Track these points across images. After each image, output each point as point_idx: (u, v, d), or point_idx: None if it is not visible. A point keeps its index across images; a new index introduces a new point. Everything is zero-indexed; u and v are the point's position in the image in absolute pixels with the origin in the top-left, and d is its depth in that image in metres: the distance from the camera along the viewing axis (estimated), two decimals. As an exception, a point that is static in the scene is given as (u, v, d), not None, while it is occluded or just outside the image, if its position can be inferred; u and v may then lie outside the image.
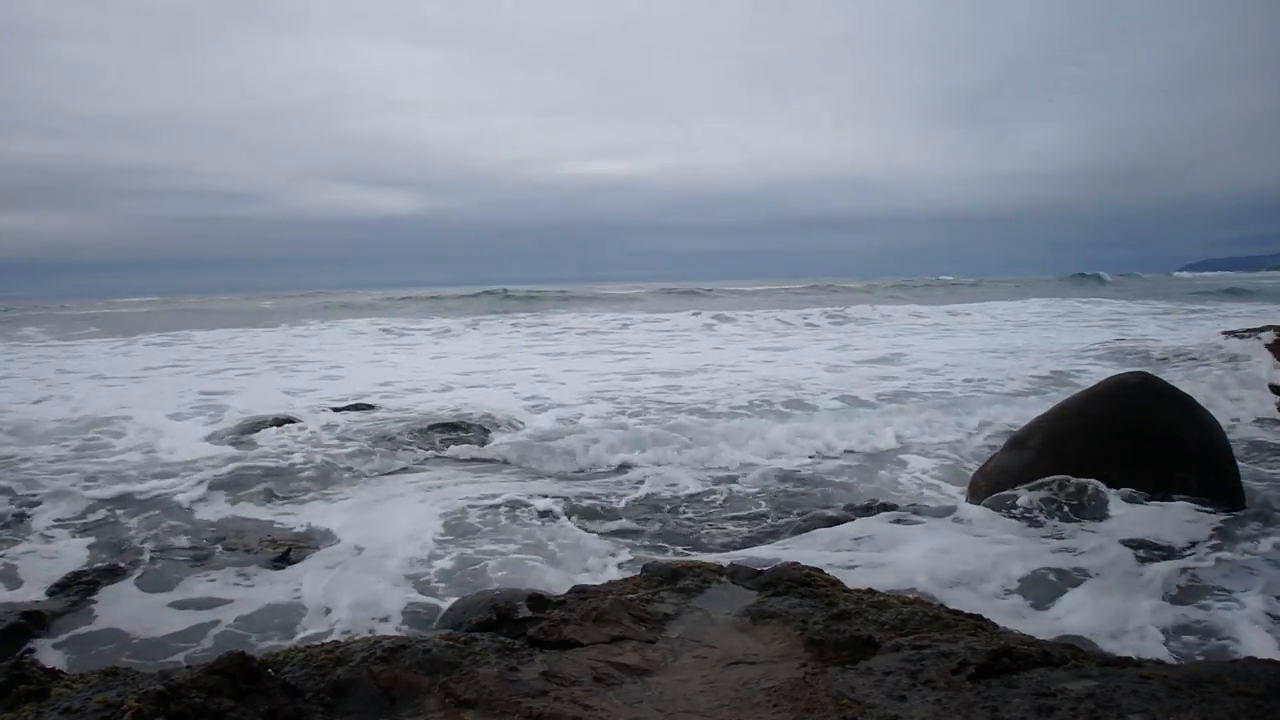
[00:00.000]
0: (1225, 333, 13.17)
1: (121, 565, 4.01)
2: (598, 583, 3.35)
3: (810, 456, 6.18)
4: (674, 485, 5.39)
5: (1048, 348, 13.35)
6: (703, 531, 4.50)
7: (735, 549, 4.18)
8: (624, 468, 5.95)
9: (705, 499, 5.11)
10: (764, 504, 4.99)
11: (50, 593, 3.61)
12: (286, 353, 15.51)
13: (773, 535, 4.35)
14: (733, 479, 5.54)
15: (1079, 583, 3.45)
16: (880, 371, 10.96)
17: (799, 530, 4.22)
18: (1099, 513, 4.21)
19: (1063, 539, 3.91)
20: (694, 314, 24.24)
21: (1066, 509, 4.30)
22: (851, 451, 6.32)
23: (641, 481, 5.50)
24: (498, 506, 4.96)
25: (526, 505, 4.97)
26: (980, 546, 3.87)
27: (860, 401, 8.49)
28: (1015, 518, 4.25)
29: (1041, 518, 4.23)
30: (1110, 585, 3.41)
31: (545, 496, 5.15)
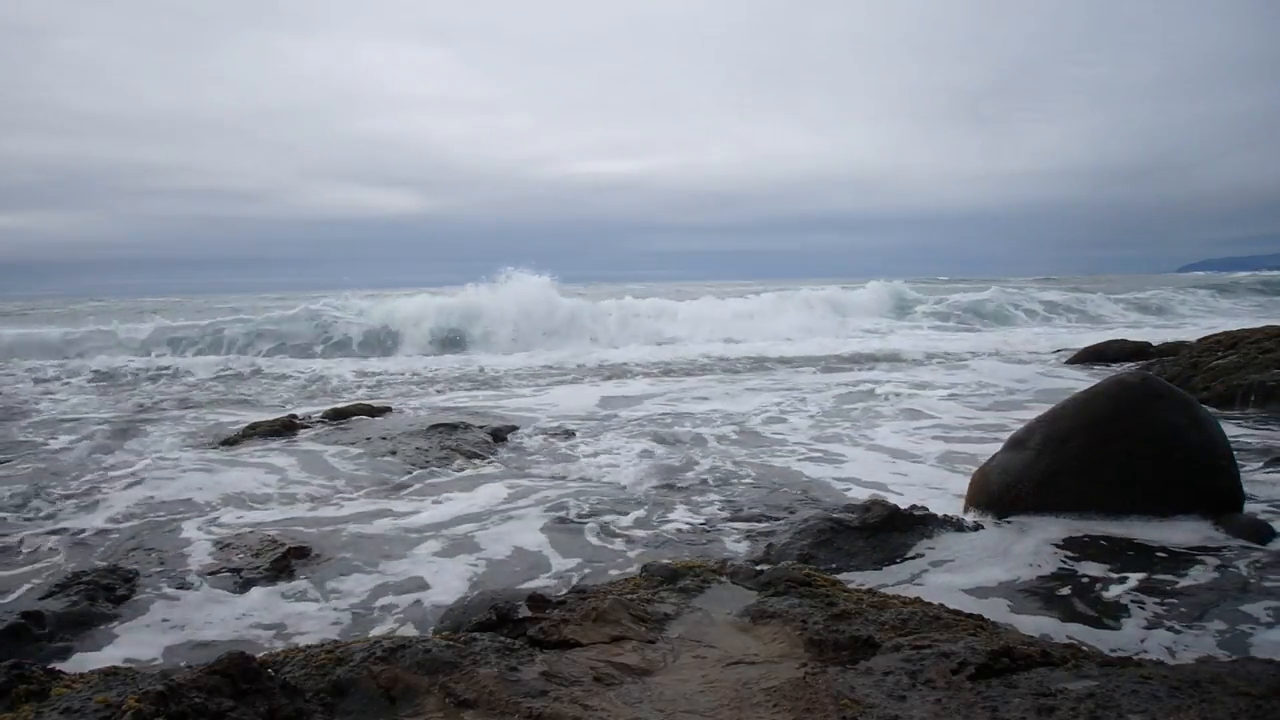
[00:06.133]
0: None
1: (122, 565, 4.01)
2: (597, 583, 3.36)
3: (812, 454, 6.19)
4: (673, 485, 5.39)
5: None
6: (701, 532, 4.49)
7: (735, 551, 4.18)
8: (621, 467, 5.95)
9: (704, 498, 5.10)
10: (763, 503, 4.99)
11: (50, 593, 3.60)
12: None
13: (772, 534, 4.34)
14: (733, 479, 5.54)
15: (1078, 583, 3.45)
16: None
17: (799, 530, 4.22)
18: (1097, 513, 4.20)
19: (1061, 539, 3.90)
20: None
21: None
22: (851, 447, 6.33)
23: (638, 483, 5.50)
24: (498, 506, 4.96)
25: (527, 506, 4.97)
26: (980, 547, 3.87)
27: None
28: (1014, 519, 4.25)
29: (1040, 517, 4.22)
30: (1111, 585, 3.41)
31: (545, 497, 5.15)
